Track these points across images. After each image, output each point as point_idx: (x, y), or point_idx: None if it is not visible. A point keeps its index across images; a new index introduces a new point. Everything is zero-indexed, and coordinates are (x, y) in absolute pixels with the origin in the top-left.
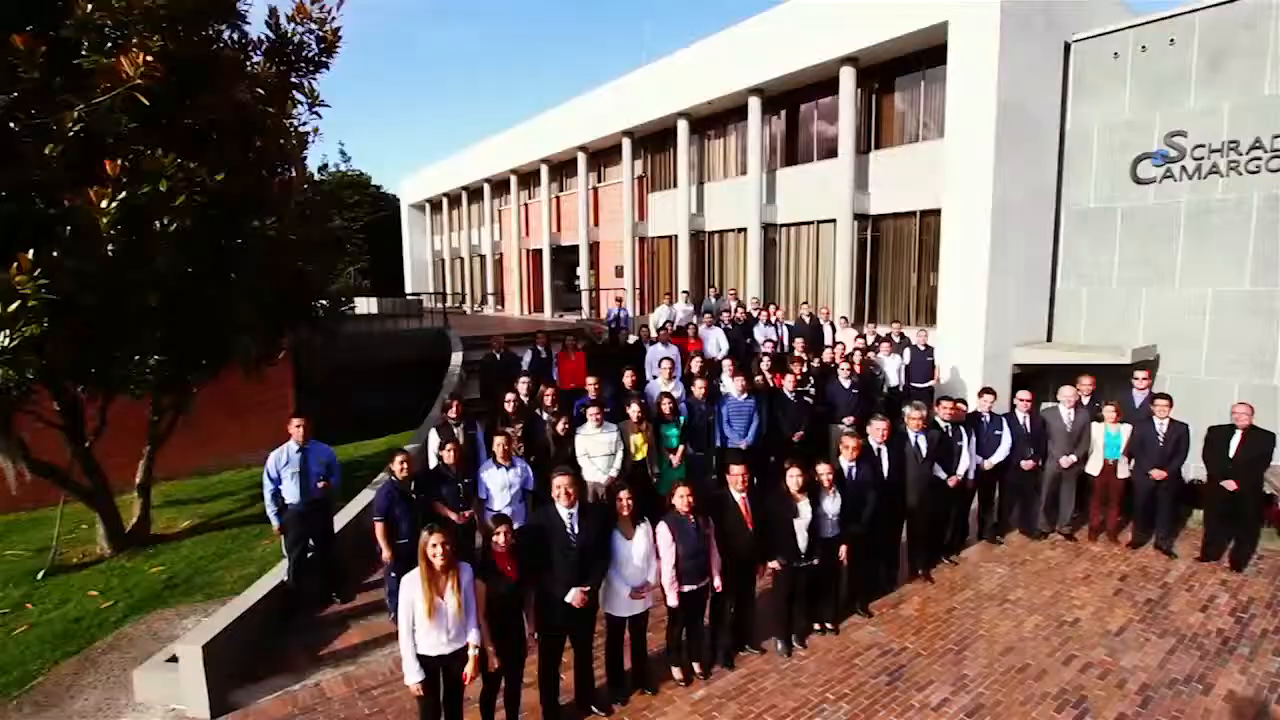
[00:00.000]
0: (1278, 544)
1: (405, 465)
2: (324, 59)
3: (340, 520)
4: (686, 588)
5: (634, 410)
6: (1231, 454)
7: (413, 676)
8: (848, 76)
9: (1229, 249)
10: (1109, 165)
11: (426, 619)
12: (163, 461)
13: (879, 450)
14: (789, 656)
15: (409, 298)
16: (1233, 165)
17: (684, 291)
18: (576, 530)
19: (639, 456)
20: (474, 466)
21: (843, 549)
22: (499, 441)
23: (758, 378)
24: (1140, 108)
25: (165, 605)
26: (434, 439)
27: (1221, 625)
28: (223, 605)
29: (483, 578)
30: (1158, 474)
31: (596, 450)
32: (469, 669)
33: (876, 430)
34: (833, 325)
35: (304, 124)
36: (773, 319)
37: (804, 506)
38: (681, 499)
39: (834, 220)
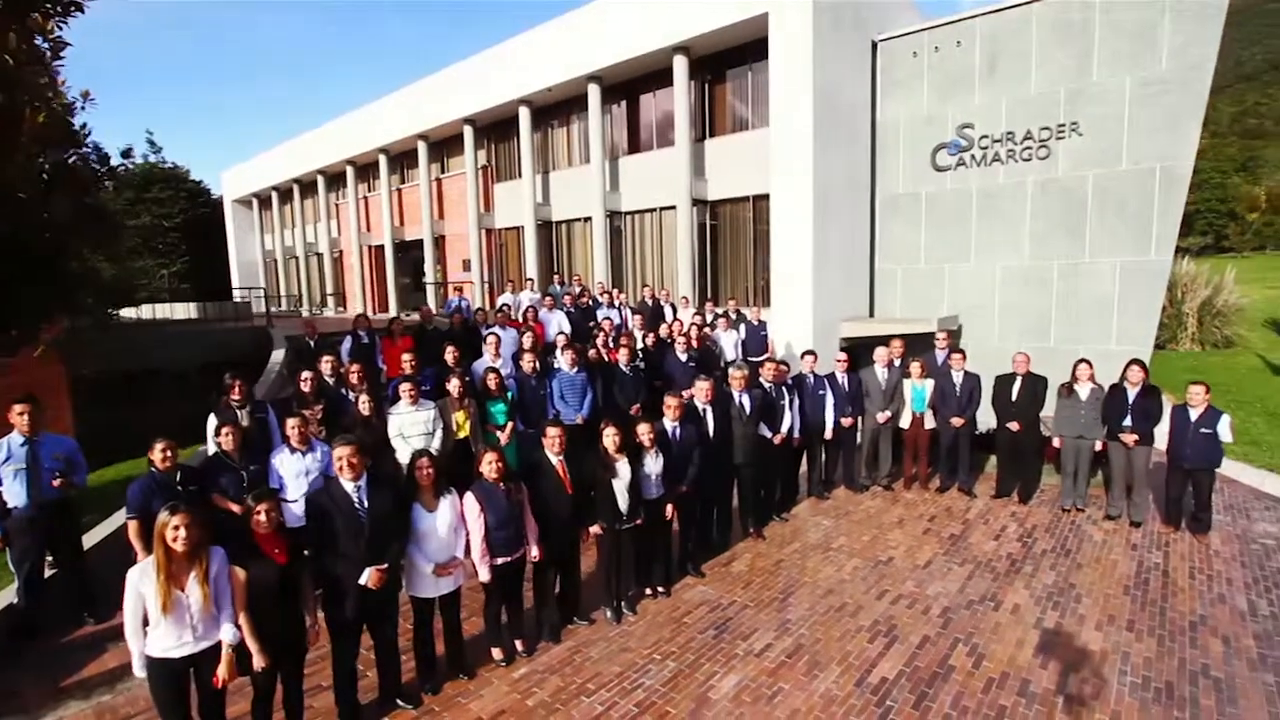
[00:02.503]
0: (1055, 479)
1: (167, 453)
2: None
3: (106, 528)
4: (500, 560)
5: (454, 386)
6: (1014, 398)
7: (139, 669)
8: (681, 66)
9: (1011, 229)
10: (913, 154)
11: (161, 614)
12: None
13: (704, 410)
14: (619, 623)
15: (236, 301)
16: (1011, 154)
17: (529, 279)
18: (366, 504)
19: (461, 434)
20: (264, 453)
21: (668, 508)
22: (292, 424)
23: (591, 352)
24: (936, 102)
25: None
26: (211, 423)
27: (1010, 550)
28: None
29: (240, 563)
30: (957, 421)
31: (412, 429)
32: (221, 670)
33: (700, 390)
34: (673, 306)
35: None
36: (615, 302)
37: (623, 467)
38: (489, 465)
39: (675, 207)
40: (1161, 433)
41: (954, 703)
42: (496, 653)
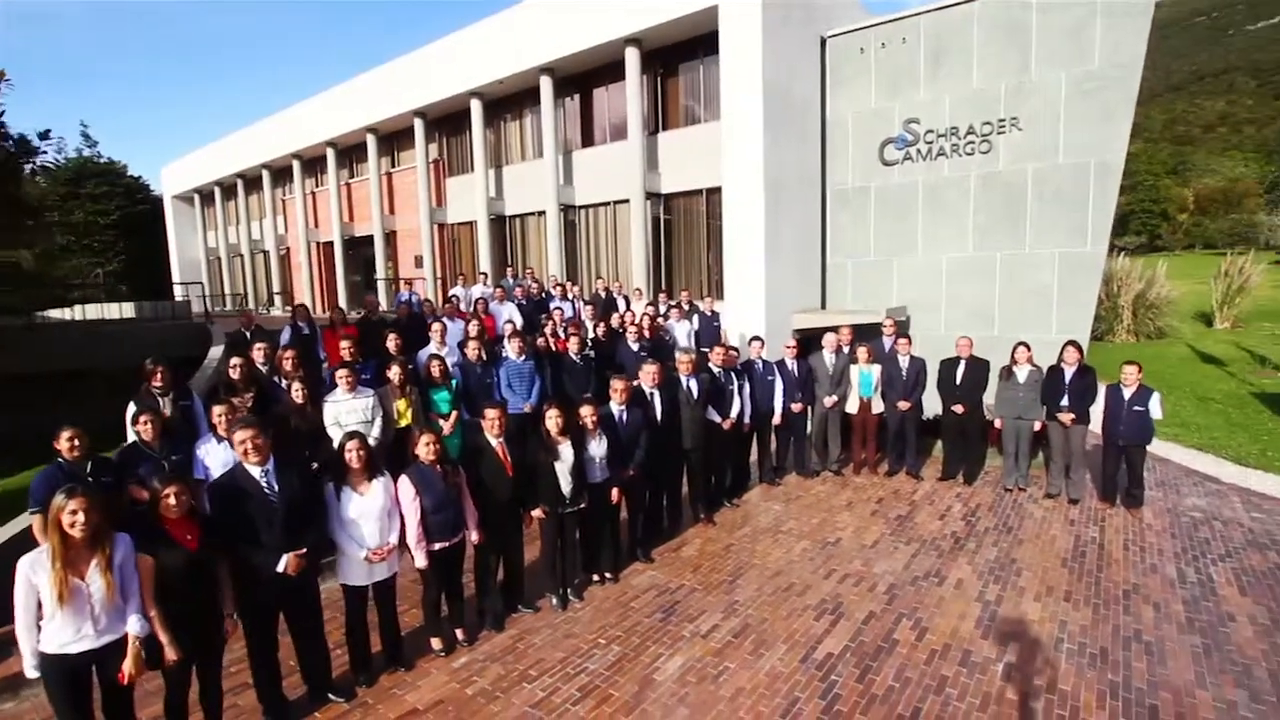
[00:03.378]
0: (998, 461)
1: (74, 442)
2: None
3: (14, 527)
4: (437, 545)
5: (394, 373)
6: (958, 381)
7: (31, 669)
8: (633, 58)
9: (956, 221)
10: (862, 149)
11: (57, 605)
12: None
13: (651, 394)
14: (564, 610)
15: (176, 300)
16: (955, 148)
17: (482, 273)
18: (276, 488)
19: (403, 423)
20: (188, 443)
21: (614, 492)
22: (219, 411)
23: (540, 341)
24: (883, 98)
25: None
26: (130, 411)
27: (955, 529)
28: None
29: (148, 550)
30: (903, 405)
31: (349, 417)
32: (128, 665)
33: (648, 374)
34: (626, 299)
35: None
36: (569, 295)
37: (565, 449)
38: (426, 447)
39: (628, 200)
40: (1097, 412)
41: (897, 674)
42: (436, 643)
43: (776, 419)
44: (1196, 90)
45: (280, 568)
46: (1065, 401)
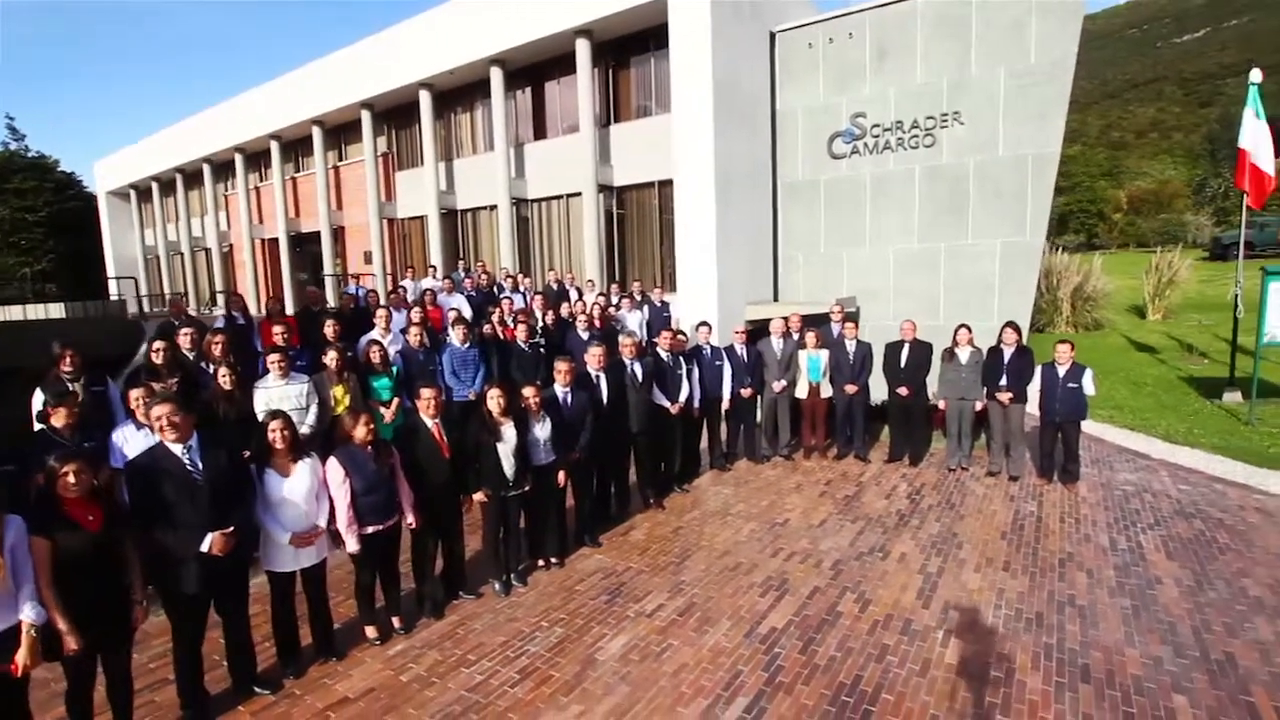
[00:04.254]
0: (942, 443)
1: None
2: None
3: None
4: (369, 529)
5: (330, 358)
6: (903, 364)
7: None
8: (584, 50)
9: (902, 214)
10: (811, 142)
11: None
12: None
13: (597, 377)
14: (508, 596)
15: (110, 300)
16: (900, 142)
17: (431, 266)
18: (200, 466)
19: (340, 409)
20: (102, 429)
21: (560, 475)
22: (136, 395)
23: (486, 328)
24: (831, 92)
25: None
26: (38, 399)
27: (900, 507)
28: None
29: (43, 532)
30: (850, 388)
31: (281, 404)
32: (21, 656)
33: (593, 356)
34: (578, 290)
35: None
36: (520, 287)
37: (508, 430)
38: (362, 428)
39: (581, 193)
40: (1034, 392)
41: (839, 645)
42: (370, 631)
43: (725, 404)
44: (1130, 98)
45: (205, 547)
46: (1004, 381)
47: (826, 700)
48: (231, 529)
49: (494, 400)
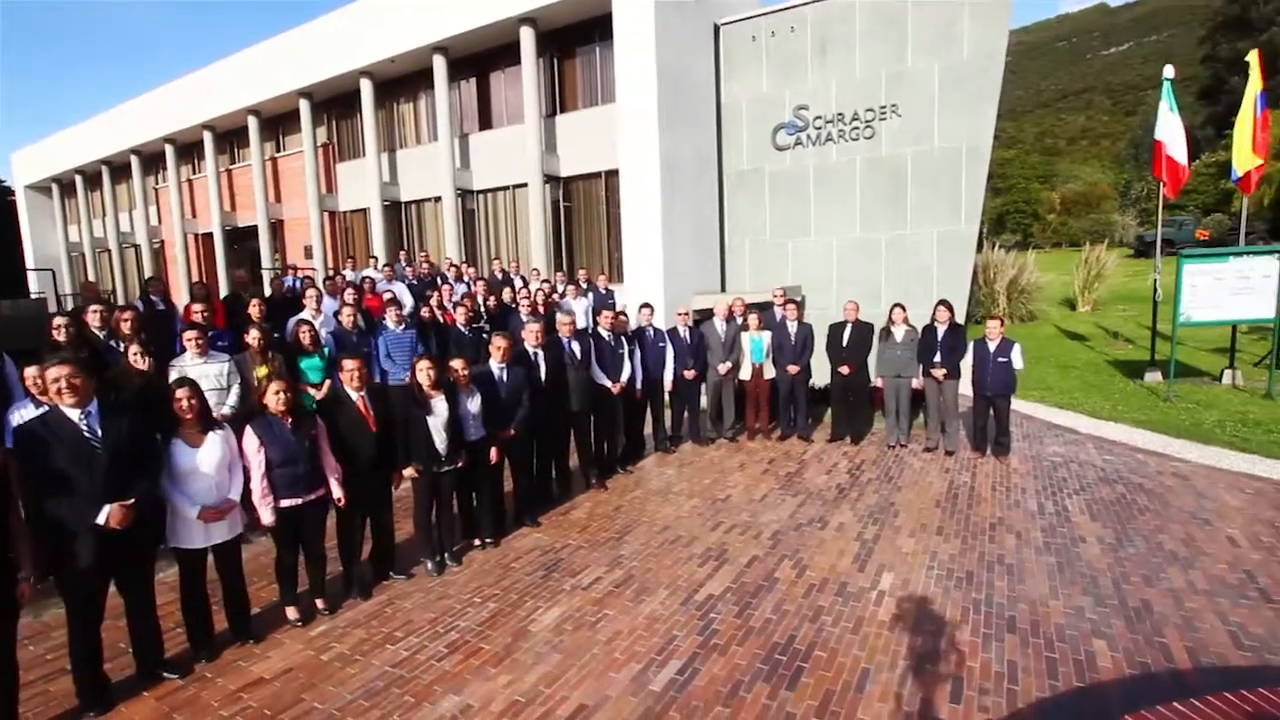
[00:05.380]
0: (883, 423)
1: None
2: None
3: None
4: (286, 503)
5: (253, 336)
6: (845, 343)
7: None
8: (528, 39)
9: (845, 204)
10: (756, 134)
11: None
12: None
13: (535, 354)
14: (441, 575)
15: (27, 299)
16: (841, 134)
17: (372, 257)
18: (100, 432)
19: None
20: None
21: (494, 451)
22: (32, 373)
23: (425, 311)
24: (775, 84)
25: None
26: None
27: (840, 481)
28: None
29: None
30: (792, 369)
31: (200, 384)
32: None
33: (530, 333)
34: (524, 278)
35: None
36: (464, 277)
37: (439, 404)
38: (274, 397)
39: (527, 184)
40: (967, 367)
41: (775, 608)
42: (291, 613)
43: (668, 385)
44: (1062, 107)
45: (101, 519)
46: (938, 358)
47: (760, 659)
48: (132, 501)
49: (423, 372)
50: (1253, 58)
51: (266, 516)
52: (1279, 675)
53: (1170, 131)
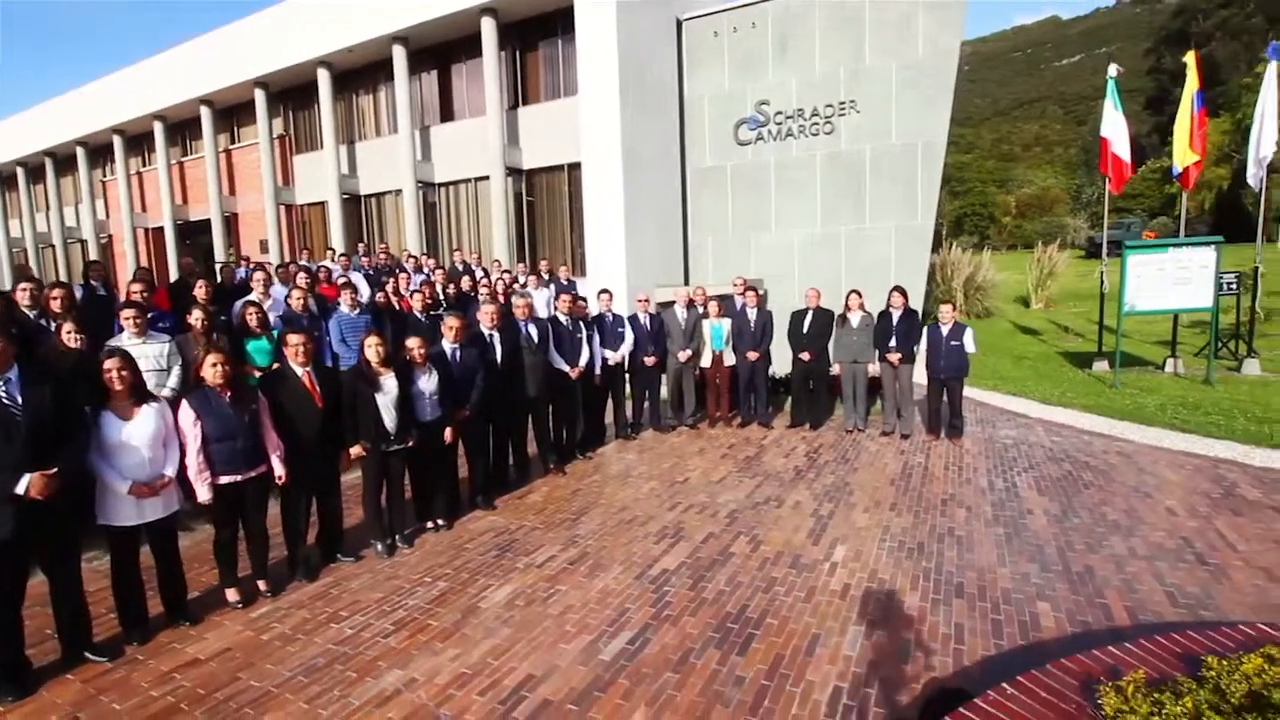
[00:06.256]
0: (840, 410)
1: None
2: None
3: None
4: (224, 479)
5: (196, 317)
6: (806, 329)
7: None
8: (489, 30)
9: (805, 199)
10: (718, 129)
11: None
12: None
13: (490, 336)
14: (391, 557)
15: None
16: (802, 129)
17: (330, 249)
18: (19, 400)
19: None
20: None
21: (447, 431)
22: None
23: (380, 296)
24: (736, 80)
25: None
26: None
27: (798, 464)
28: None
29: None
30: (752, 355)
31: (139, 365)
32: None
33: (485, 315)
34: (485, 270)
35: None
36: (423, 268)
37: (388, 381)
38: (211, 369)
39: (489, 177)
40: (923, 353)
41: (729, 580)
42: (231, 594)
43: (620, 360)
44: (1017, 115)
45: (20, 489)
46: (893, 343)
47: (712, 628)
48: (55, 470)
49: (372, 348)
50: (1190, 59)
51: (203, 493)
52: (1212, 627)
53: (1115, 129)
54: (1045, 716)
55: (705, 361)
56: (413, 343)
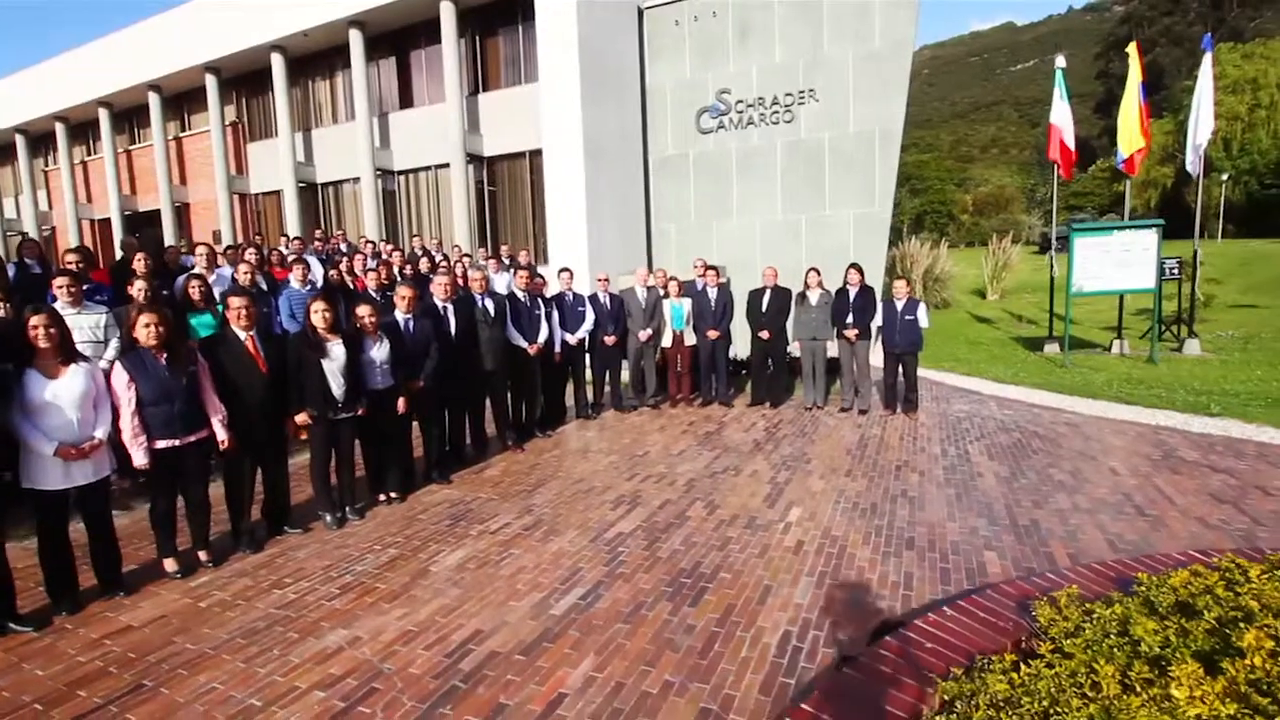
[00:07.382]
0: (800, 389)
1: None
2: None
3: None
4: (161, 444)
5: (138, 288)
6: (764, 308)
7: None
8: (449, 15)
9: (766, 186)
10: (680, 117)
11: None
12: None
13: (445, 308)
14: (340, 529)
15: None
16: (762, 117)
17: (285, 235)
18: None
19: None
20: None
21: (400, 401)
22: None
23: (333, 274)
24: (698, 68)
25: None
26: None
27: (757, 438)
28: None
29: None
30: (712, 333)
31: (74, 335)
32: None
33: (439, 285)
34: (445, 256)
35: None
36: (381, 254)
37: (335, 347)
38: (145, 330)
39: (449, 164)
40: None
41: (684, 541)
42: (170, 564)
43: (578, 339)
44: (974, 118)
45: None
46: (850, 319)
47: (664, 584)
48: None
49: (318, 314)
50: (1132, 49)
51: (139, 458)
52: (1147, 556)
53: (1062, 117)
54: (982, 633)
55: (666, 341)
56: (363, 310)
